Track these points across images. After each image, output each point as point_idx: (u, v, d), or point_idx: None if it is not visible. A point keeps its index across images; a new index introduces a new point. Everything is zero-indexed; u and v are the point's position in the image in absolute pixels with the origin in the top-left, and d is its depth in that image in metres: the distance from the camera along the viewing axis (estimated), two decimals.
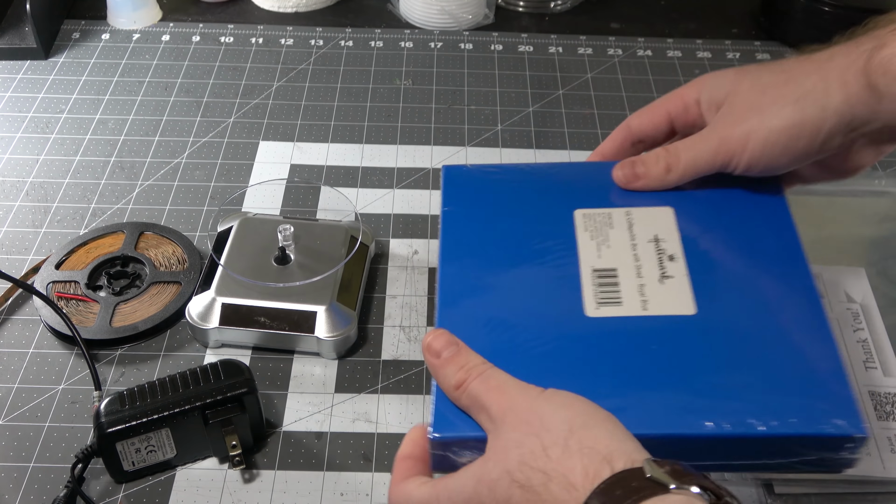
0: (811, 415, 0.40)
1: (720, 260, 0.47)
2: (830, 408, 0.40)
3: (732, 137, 0.46)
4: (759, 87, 0.46)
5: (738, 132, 0.46)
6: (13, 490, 0.49)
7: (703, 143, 0.47)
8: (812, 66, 0.44)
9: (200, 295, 0.56)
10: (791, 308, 0.44)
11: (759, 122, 0.45)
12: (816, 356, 0.42)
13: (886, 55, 0.41)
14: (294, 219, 0.61)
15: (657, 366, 0.42)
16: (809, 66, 0.44)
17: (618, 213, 0.49)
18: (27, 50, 0.80)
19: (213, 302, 0.55)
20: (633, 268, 0.46)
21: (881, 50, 0.42)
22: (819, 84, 0.43)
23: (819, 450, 0.40)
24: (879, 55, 0.42)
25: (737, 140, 0.46)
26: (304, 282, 0.55)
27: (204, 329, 0.55)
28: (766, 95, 0.45)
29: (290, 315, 0.54)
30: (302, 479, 0.50)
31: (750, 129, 0.45)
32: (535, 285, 0.46)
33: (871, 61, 0.42)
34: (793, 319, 0.44)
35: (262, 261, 0.57)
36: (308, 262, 0.57)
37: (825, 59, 0.44)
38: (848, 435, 0.39)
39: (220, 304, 0.55)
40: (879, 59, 0.42)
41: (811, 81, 0.44)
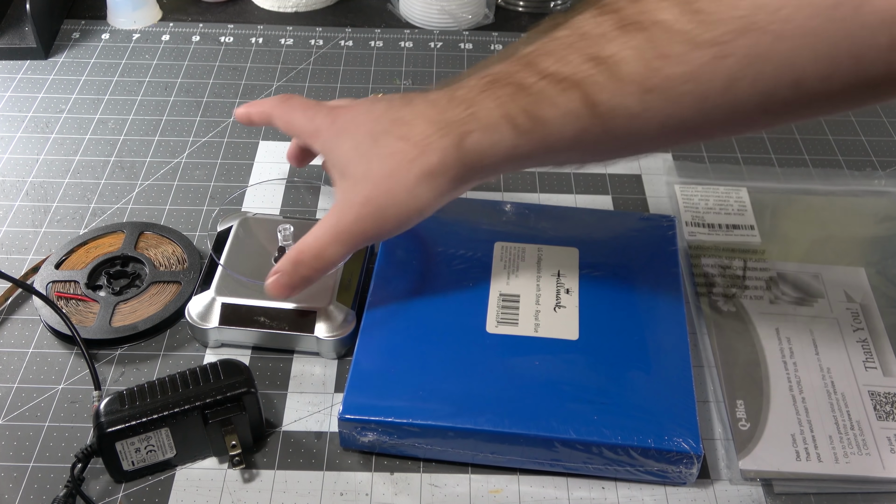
0: (658, 431, 0.47)
1: (608, 296, 0.55)
2: (675, 427, 0.48)
3: (348, 224, 0.48)
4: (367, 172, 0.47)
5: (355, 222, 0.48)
6: (13, 490, 0.49)
7: (323, 227, 0.48)
8: (417, 148, 0.45)
9: (200, 295, 0.56)
10: (660, 342, 0.52)
11: (374, 221, 0.47)
12: (674, 384, 0.50)
13: (470, 145, 0.44)
14: (294, 218, 0.61)
15: (537, 378, 0.50)
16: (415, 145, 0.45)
17: (531, 248, 0.58)
18: (27, 50, 0.80)
19: (213, 302, 0.55)
20: (534, 296, 0.55)
21: (466, 139, 0.44)
22: (425, 167, 0.45)
23: (661, 462, 0.48)
24: (466, 144, 0.44)
25: (356, 228, 0.48)
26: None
27: (203, 329, 0.55)
28: (375, 190, 0.46)
29: (289, 315, 0.54)
30: (302, 478, 0.50)
31: (366, 223, 0.47)
32: (451, 299, 0.55)
33: (461, 148, 0.44)
34: (660, 351, 0.52)
35: (262, 260, 0.57)
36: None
37: (424, 143, 0.45)
38: (685, 451, 0.47)
39: (220, 303, 0.55)
40: (468, 149, 0.44)
41: (417, 167, 0.45)
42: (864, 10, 0.32)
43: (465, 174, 0.45)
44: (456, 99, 0.45)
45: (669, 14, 0.37)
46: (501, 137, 0.43)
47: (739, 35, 0.35)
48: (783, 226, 0.64)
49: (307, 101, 0.54)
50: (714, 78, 0.36)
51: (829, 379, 0.54)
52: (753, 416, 0.52)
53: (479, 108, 0.43)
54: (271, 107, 0.55)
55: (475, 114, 0.44)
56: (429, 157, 0.45)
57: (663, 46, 0.37)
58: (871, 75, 0.34)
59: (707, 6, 0.35)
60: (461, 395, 0.49)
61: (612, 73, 0.39)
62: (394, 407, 0.49)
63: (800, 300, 0.58)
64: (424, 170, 0.45)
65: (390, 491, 0.49)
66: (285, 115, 0.54)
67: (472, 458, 0.50)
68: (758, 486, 0.50)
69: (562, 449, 0.48)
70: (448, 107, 0.45)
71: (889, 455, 0.50)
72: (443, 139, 0.44)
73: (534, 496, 0.49)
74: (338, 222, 0.47)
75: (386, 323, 0.54)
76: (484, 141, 0.44)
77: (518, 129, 0.42)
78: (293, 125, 0.54)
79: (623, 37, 0.38)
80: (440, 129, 0.45)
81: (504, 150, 0.43)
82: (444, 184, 0.45)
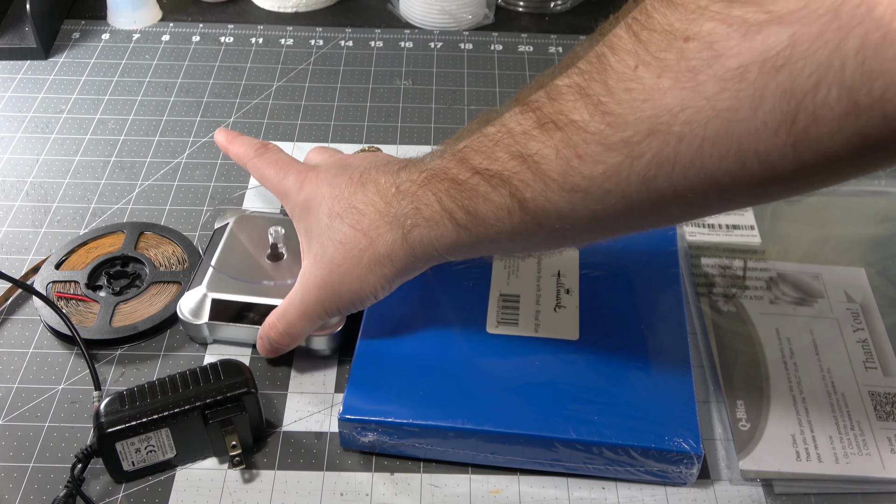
0: (658, 431, 0.47)
1: (608, 297, 0.55)
2: (676, 427, 0.48)
3: (311, 304, 0.51)
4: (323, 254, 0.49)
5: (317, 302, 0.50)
6: (13, 490, 0.49)
7: (292, 306, 0.51)
8: (367, 238, 0.47)
9: (191, 291, 0.56)
10: (661, 342, 0.53)
11: (332, 302, 0.50)
12: (674, 384, 0.50)
13: (416, 238, 0.46)
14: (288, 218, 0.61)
15: (537, 378, 0.51)
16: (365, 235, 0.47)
17: None
18: (27, 50, 0.80)
19: (204, 298, 0.55)
20: (534, 296, 0.55)
21: (411, 232, 0.46)
22: (374, 257, 0.47)
23: (661, 462, 0.48)
24: (412, 237, 0.46)
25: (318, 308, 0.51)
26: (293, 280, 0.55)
27: (194, 324, 0.55)
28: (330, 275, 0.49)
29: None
30: (302, 479, 0.50)
31: (326, 304, 0.50)
32: (451, 300, 0.55)
33: (407, 241, 0.46)
34: (660, 351, 0.52)
35: (256, 258, 0.57)
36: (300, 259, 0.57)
37: (373, 233, 0.47)
38: (685, 452, 0.47)
39: (211, 299, 0.55)
40: (413, 241, 0.46)
41: (367, 256, 0.47)
42: (759, 111, 0.32)
43: (413, 263, 0.47)
44: (400, 193, 0.46)
45: (581, 115, 0.37)
46: (443, 232, 0.45)
47: (646, 137, 0.35)
48: (783, 226, 0.64)
49: (280, 158, 0.55)
50: (630, 176, 0.37)
51: (830, 379, 0.54)
52: (753, 416, 0.52)
53: (419, 204, 0.45)
54: (246, 156, 0.57)
55: (418, 209, 0.45)
56: (378, 247, 0.47)
57: (579, 146, 0.37)
58: (780, 172, 0.34)
59: (615, 108, 0.36)
60: (461, 395, 0.49)
61: (536, 171, 0.39)
62: (394, 407, 0.49)
63: (800, 300, 0.58)
64: (374, 259, 0.47)
65: (390, 491, 0.49)
66: (259, 168, 0.56)
67: (472, 459, 0.50)
68: (758, 487, 0.50)
69: (562, 449, 0.48)
70: (393, 200, 0.46)
71: (889, 455, 0.50)
72: (389, 232, 0.46)
73: (534, 496, 0.49)
74: (301, 302, 0.51)
75: (386, 323, 0.54)
76: (428, 235, 0.45)
77: (457, 223, 0.44)
78: (264, 180, 0.56)
79: (543, 135, 0.39)
80: (387, 222, 0.46)
81: (448, 242, 0.45)
82: (394, 272, 0.48)
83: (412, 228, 0.46)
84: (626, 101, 0.35)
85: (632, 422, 0.48)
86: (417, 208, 0.45)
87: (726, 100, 0.33)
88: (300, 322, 0.51)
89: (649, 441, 0.47)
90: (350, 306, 0.50)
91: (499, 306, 0.55)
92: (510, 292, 0.56)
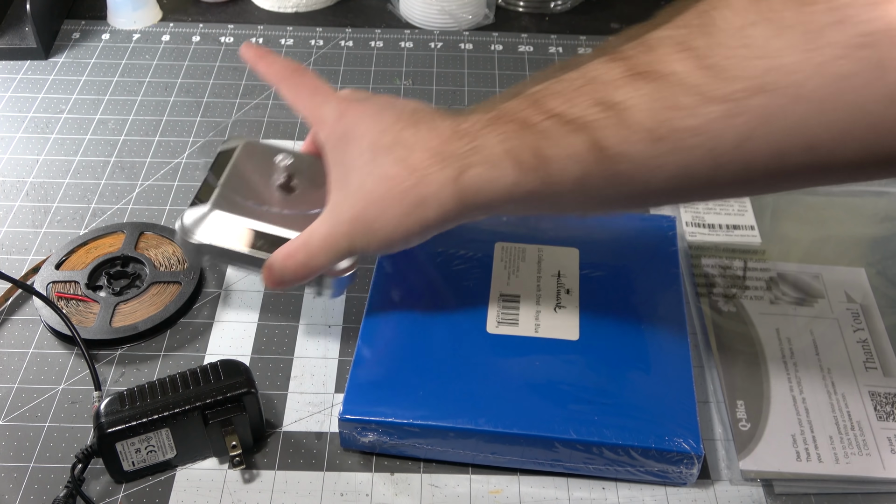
0: (658, 432, 0.47)
1: (608, 297, 0.55)
2: (676, 428, 0.48)
3: (338, 238, 0.47)
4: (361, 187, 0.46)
5: (345, 236, 0.47)
6: (13, 490, 0.49)
7: (316, 235, 0.48)
8: (413, 177, 0.45)
9: (195, 208, 0.52)
10: (661, 342, 0.53)
11: (362, 239, 0.47)
12: (674, 384, 0.50)
13: (469, 180, 0.43)
14: (297, 153, 0.57)
15: (537, 378, 0.50)
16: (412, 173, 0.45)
17: (531, 249, 0.58)
18: (27, 50, 0.80)
19: (209, 216, 0.51)
20: (535, 296, 0.55)
21: (465, 174, 0.43)
22: (419, 197, 0.44)
23: (662, 462, 0.48)
24: (465, 179, 0.43)
25: (344, 242, 0.47)
26: (313, 211, 0.51)
27: (194, 244, 0.51)
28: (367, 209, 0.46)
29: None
30: (302, 479, 0.50)
31: (354, 240, 0.47)
32: (451, 300, 0.55)
33: (459, 183, 0.43)
34: (660, 352, 0.52)
35: (265, 186, 0.54)
36: (312, 193, 0.54)
37: (421, 172, 0.44)
38: (686, 452, 0.47)
39: (216, 218, 0.51)
40: (466, 184, 0.43)
41: (411, 196, 0.45)
42: (878, 83, 0.32)
43: (459, 210, 0.45)
44: (459, 132, 0.44)
45: (682, 66, 0.36)
46: (502, 174, 0.42)
47: (752, 94, 0.35)
48: (783, 226, 0.64)
49: (318, 85, 0.52)
50: (725, 134, 0.36)
51: (830, 379, 0.54)
52: (754, 416, 0.52)
53: (481, 143, 0.43)
54: (281, 75, 0.53)
55: (477, 148, 0.43)
56: (424, 187, 0.44)
57: (674, 98, 0.37)
58: (887, 149, 0.33)
59: (721, 62, 0.35)
60: (461, 395, 0.49)
61: (621, 120, 0.38)
62: (394, 407, 0.49)
63: (800, 300, 0.58)
64: (417, 199, 0.44)
65: (391, 491, 0.49)
66: (294, 89, 0.52)
67: (472, 459, 0.50)
68: (758, 487, 0.50)
69: (562, 449, 0.48)
70: (451, 138, 0.44)
71: (889, 455, 0.50)
72: (441, 171, 0.44)
73: (534, 496, 0.49)
74: (328, 234, 0.47)
75: (386, 323, 0.54)
76: (484, 176, 0.43)
77: (520, 166, 0.42)
78: (300, 104, 0.52)
79: (632, 84, 0.38)
80: (440, 160, 0.44)
81: (503, 188, 0.43)
82: (435, 217, 0.45)
83: (467, 169, 0.43)
84: (737, 56, 0.35)
85: (632, 422, 0.48)
86: (477, 148, 0.43)
87: (845, 66, 0.32)
88: (322, 255, 0.48)
89: (649, 441, 0.47)
90: (379, 246, 0.47)
91: (499, 306, 0.55)
92: (510, 292, 0.56)
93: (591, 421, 0.48)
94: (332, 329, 0.58)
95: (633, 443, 0.47)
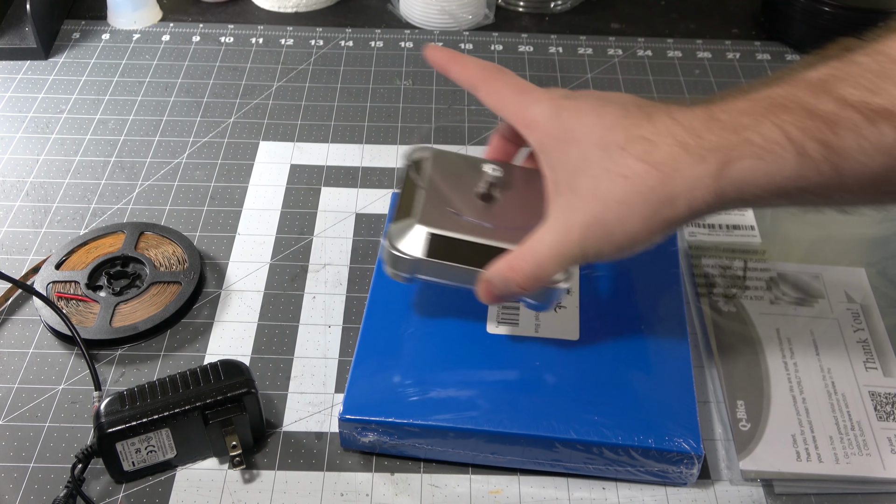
0: (658, 431, 0.48)
1: (608, 297, 0.55)
2: (676, 428, 0.48)
3: (571, 245, 0.43)
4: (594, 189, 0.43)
5: (578, 243, 0.43)
6: (13, 490, 0.49)
7: (543, 243, 0.45)
8: (660, 174, 0.41)
9: (400, 223, 0.50)
10: (661, 342, 0.53)
11: (596, 245, 0.43)
12: (674, 384, 0.50)
13: (736, 173, 0.40)
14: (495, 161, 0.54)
15: (537, 378, 0.51)
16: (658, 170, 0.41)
17: None
18: (27, 50, 0.80)
19: (415, 229, 0.49)
20: None
21: (731, 166, 0.40)
22: (667, 196, 0.41)
23: (662, 462, 0.48)
24: (731, 172, 0.40)
25: (577, 250, 0.44)
26: (527, 226, 0.48)
27: (407, 258, 0.49)
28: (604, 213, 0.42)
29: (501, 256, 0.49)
30: (302, 479, 0.50)
31: (588, 247, 0.43)
32: (451, 300, 0.54)
33: (722, 177, 0.40)
34: (660, 352, 0.52)
35: (465, 196, 0.51)
36: (515, 204, 0.51)
37: (669, 168, 0.40)
38: (686, 452, 0.47)
39: (424, 232, 0.49)
40: (730, 178, 0.40)
41: (658, 194, 0.41)
42: None
43: (713, 205, 0.41)
44: (718, 121, 0.40)
45: None
46: (781, 166, 0.39)
47: None
48: (783, 226, 0.64)
49: (522, 83, 0.48)
50: None
51: (830, 379, 0.54)
52: (754, 416, 0.52)
53: (754, 133, 0.39)
54: (479, 75, 0.49)
55: (750, 139, 0.39)
56: (673, 185, 0.40)
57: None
58: None
59: None
60: (461, 395, 0.49)
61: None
62: (394, 407, 0.49)
63: (800, 301, 0.58)
64: (665, 198, 0.41)
65: (391, 491, 0.49)
66: (496, 92, 0.48)
67: (472, 459, 0.50)
68: (758, 487, 0.50)
69: (562, 449, 0.48)
70: (707, 130, 0.40)
71: (889, 455, 0.50)
72: (697, 166, 0.40)
73: (534, 496, 0.49)
74: (560, 242, 0.43)
75: (386, 323, 0.54)
76: (757, 169, 0.39)
77: (806, 157, 0.38)
78: (504, 106, 0.48)
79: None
80: (696, 154, 0.40)
81: (780, 181, 0.39)
82: (684, 214, 0.41)
83: (734, 161, 0.39)
84: None
85: (632, 422, 0.48)
86: (748, 139, 0.39)
87: None
88: (551, 264, 0.44)
89: (649, 441, 0.47)
90: (614, 251, 0.43)
91: (499, 306, 0.55)
92: None
93: (591, 421, 0.48)
94: (332, 329, 0.58)
95: (633, 443, 0.47)
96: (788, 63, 0.84)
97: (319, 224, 0.65)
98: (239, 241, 0.64)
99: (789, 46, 0.86)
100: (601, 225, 0.42)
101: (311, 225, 0.65)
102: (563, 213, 0.44)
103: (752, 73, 0.82)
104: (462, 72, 0.50)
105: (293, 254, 0.63)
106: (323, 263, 0.62)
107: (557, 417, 0.48)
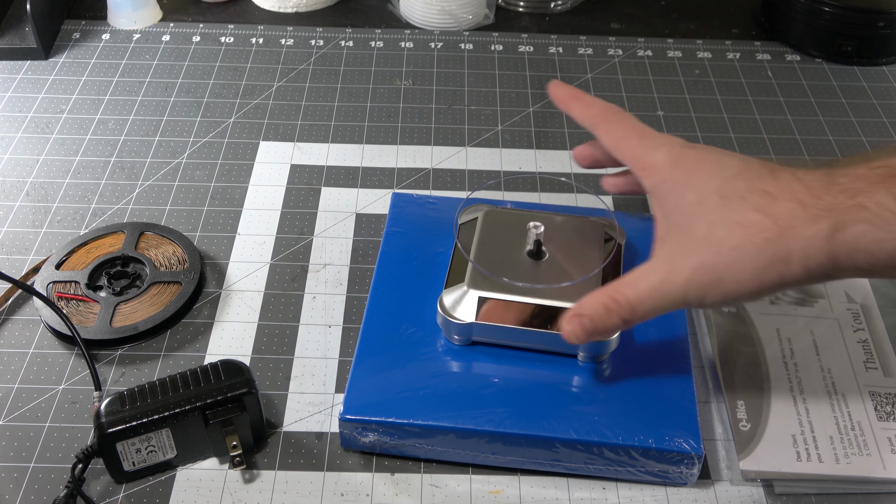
0: (659, 432, 0.48)
1: None
2: (676, 428, 0.48)
3: (675, 287, 0.43)
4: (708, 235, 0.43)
5: (683, 286, 0.43)
6: (13, 490, 0.49)
7: (646, 280, 0.44)
8: (776, 227, 0.41)
9: (453, 289, 0.52)
10: (661, 342, 0.53)
11: (701, 290, 0.43)
12: (674, 384, 0.50)
13: (849, 237, 0.40)
14: (542, 213, 0.57)
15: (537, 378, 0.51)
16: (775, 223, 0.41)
17: None
18: (27, 50, 0.80)
19: (467, 294, 0.52)
20: None
21: (843, 230, 0.40)
22: (781, 250, 0.41)
23: (662, 462, 0.48)
24: (843, 236, 0.40)
25: (680, 292, 0.43)
26: (572, 282, 0.51)
27: (458, 323, 0.51)
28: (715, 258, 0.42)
29: (552, 313, 0.51)
30: (302, 479, 0.50)
31: (692, 290, 0.43)
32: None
33: (834, 239, 0.40)
34: (661, 352, 0.52)
35: (513, 255, 0.53)
36: (563, 257, 0.53)
37: (786, 223, 0.41)
38: (686, 452, 0.47)
39: (476, 297, 0.51)
40: (843, 241, 0.40)
41: (773, 247, 0.41)
42: None
43: (828, 268, 0.41)
44: (837, 185, 0.40)
45: None
46: (893, 234, 0.39)
47: None
48: None
49: (642, 128, 0.49)
50: None
51: (830, 379, 0.54)
52: (754, 416, 0.52)
53: (868, 199, 0.39)
54: (601, 115, 0.51)
55: (863, 204, 0.39)
56: (787, 241, 0.40)
57: None
58: None
59: None
60: (461, 395, 0.49)
61: None
62: (394, 407, 0.49)
63: (800, 301, 0.58)
64: (779, 254, 0.40)
65: (391, 491, 0.49)
66: (616, 133, 0.49)
67: (472, 459, 0.50)
68: (758, 487, 0.50)
69: (562, 449, 0.48)
70: (824, 191, 0.40)
71: (889, 455, 0.50)
72: (812, 225, 0.40)
73: (534, 496, 0.49)
74: (661, 283, 0.43)
75: (386, 323, 0.54)
76: (868, 235, 0.39)
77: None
78: (623, 148, 0.49)
79: None
80: (812, 213, 0.40)
81: (891, 249, 0.39)
82: (799, 274, 0.41)
83: (847, 226, 0.39)
84: None
85: (632, 422, 0.48)
86: (861, 204, 0.39)
87: None
88: (650, 304, 0.44)
89: (650, 441, 0.47)
90: (718, 299, 0.43)
91: None
92: None
93: (592, 421, 0.48)
94: (332, 329, 0.58)
95: (633, 443, 0.47)
96: (788, 63, 0.84)
97: (319, 224, 0.65)
98: (239, 241, 0.64)
99: (789, 46, 0.86)
100: (711, 270, 0.42)
101: (311, 225, 0.65)
102: (670, 255, 0.44)
103: (752, 73, 0.82)
104: (584, 111, 0.51)
105: (293, 254, 0.63)
106: (323, 263, 0.62)
107: (558, 418, 0.48)
